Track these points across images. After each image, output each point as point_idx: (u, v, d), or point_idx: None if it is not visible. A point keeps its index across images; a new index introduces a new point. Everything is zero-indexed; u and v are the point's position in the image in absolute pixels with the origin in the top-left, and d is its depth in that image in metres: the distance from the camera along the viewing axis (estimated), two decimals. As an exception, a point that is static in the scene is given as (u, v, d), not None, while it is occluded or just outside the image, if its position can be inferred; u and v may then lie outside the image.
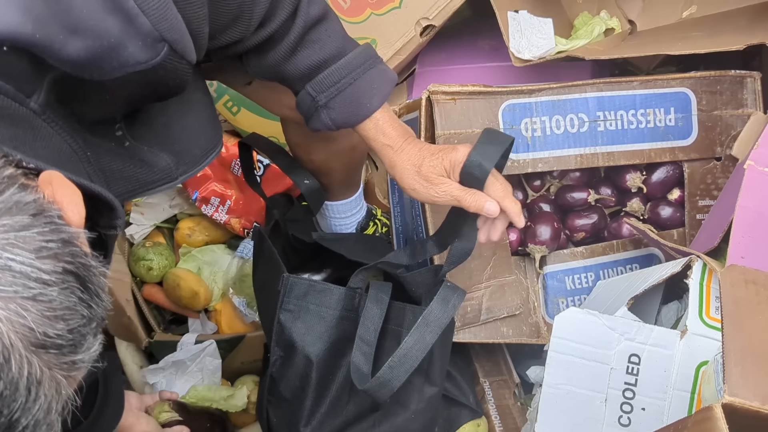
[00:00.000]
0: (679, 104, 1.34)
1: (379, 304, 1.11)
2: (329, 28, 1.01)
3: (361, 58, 1.02)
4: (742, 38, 1.25)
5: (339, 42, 1.02)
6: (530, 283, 1.35)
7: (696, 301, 1.02)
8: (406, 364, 1.03)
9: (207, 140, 0.99)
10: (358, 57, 1.02)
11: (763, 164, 1.10)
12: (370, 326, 1.10)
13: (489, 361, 1.41)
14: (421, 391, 1.17)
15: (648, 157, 1.34)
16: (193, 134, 0.97)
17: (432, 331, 1.04)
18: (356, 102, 1.03)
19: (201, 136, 0.99)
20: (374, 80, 1.03)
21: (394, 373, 1.02)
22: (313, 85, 1.01)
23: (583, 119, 1.31)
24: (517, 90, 1.28)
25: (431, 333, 1.04)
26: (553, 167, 1.32)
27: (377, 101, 1.04)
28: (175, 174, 0.94)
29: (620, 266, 1.37)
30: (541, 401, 1.05)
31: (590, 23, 1.54)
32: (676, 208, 1.38)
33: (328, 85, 1.01)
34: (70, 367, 0.58)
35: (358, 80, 1.02)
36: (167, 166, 0.93)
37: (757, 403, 0.76)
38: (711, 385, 0.92)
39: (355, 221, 1.51)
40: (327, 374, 1.16)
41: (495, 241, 1.12)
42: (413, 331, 1.03)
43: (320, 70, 1.01)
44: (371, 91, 1.03)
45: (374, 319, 1.10)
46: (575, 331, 1.03)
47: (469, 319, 1.29)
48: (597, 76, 1.52)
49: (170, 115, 0.94)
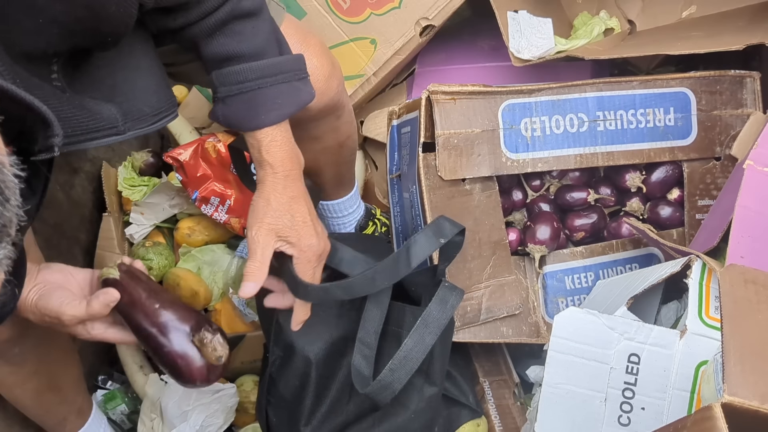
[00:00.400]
0: (678, 104, 1.34)
1: (380, 306, 1.11)
2: (257, 26, 0.97)
3: (276, 69, 0.98)
4: (742, 38, 1.26)
5: (261, 43, 0.97)
6: (530, 283, 1.35)
7: (695, 300, 1.02)
8: (407, 367, 1.03)
9: (158, 101, 0.95)
10: (274, 66, 0.98)
11: (763, 164, 1.10)
12: (370, 329, 1.10)
13: (489, 360, 1.41)
14: (421, 391, 1.17)
15: (647, 156, 1.34)
16: (140, 93, 0.93)
17: (431, 332, 1.04)
18: (253, 109, 0.98)
19: (150, 96, 0.94)
20: (281, 95, 0.99)
21: (395, 376, 1.03)
22: (218, 75, 0.97)
23: (582, 119, 1.31)
24: (517, 90, 1.29)
25: (431, 334, 1.04)
26: (552, 167, 1.32)
27: (273, 117, 0.98)
28: (122, 128, 0.90)
29: (620, 266, 1.37)
30: (541, 401, 1.05)
31: (590, 23, 1.54)
32: (675, 208, 1.38)
33: (231, 82, 0.97)
34: None
35: (264, 89, 0.97)
36: (112, 116, 0.89)
37: (756, 402, 0.76)
38: (710, 384, 0.93)
39: (353, 220, 1.51)
40: (327, 374, 1.16)
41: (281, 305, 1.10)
42: (412, 332, 1.04)
43: (230, 63, 0.97)
44: (272, 105, 0.98)
45: (374, 322, 1.10)
46: (575, 331, 1.03)
47: (469, 318, 1.29)
48: (596, 76, 1.52)
49: (115, 73, 0.90)
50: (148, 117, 0.93)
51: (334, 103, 1.20)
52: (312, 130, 1.06)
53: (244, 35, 0.96)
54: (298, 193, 1.02)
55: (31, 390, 1.24)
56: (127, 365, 1.56)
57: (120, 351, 1.58)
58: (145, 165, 1.64)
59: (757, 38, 1.24)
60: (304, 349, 1.15)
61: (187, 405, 1.41)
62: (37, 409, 1.31)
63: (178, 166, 1.52)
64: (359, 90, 1.54)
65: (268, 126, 0.99)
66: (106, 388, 1.59)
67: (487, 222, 1.31)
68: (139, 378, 1.53)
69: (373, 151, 1.65)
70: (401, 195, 1.41)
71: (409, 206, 1.36)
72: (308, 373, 1.15)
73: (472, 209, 1.30)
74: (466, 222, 1.28)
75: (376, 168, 1.64)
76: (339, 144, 1.29)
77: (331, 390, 1.16)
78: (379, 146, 1.61)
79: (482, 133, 1.28)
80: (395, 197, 1.44)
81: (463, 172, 1.27)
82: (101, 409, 1.52)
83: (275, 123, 0.99)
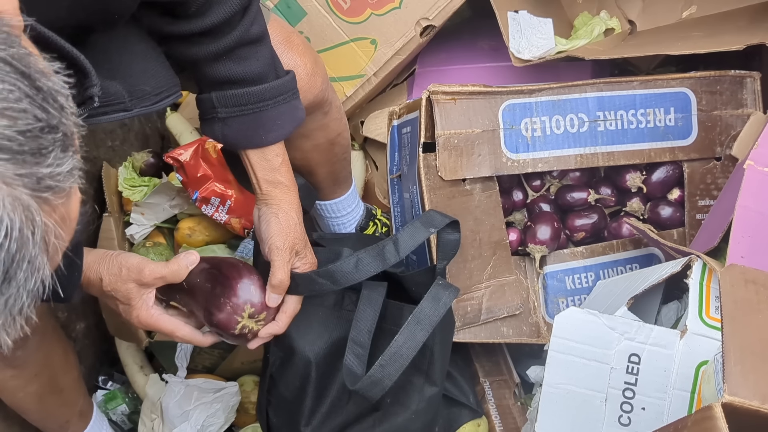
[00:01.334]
0: (679, 104, 1.34)
1: (372, 305, 1.11)
2: (260, 51, 1.00)
3: (277, 91, 1.01)
4: (742, 38, 1.26)
5: (263, 68, 1.01)
6: (530, 283, 1.35)
7: (696, 300, 1.02)
8: (397, 363, 1.04)
9: (158, 82, 0.96)
10: (275, 89, 1.01)
11: (763, 164, 1.10)
12: (363, 328, 1.11)
13: (489, 360, 1.41)
14: (421, 391, 1.17)
15: (648, 157, 1.34)
16: (138, 75, 0.94)
17: (423, 328, 1.05)
18: (253, 130, 1.02)
19: (151, 77, 0.95)
20: (281, 116, 1.03)
21: (386, 372, 1.03)
22: (220, 97, 1.00)
23: (583, 119, 1.31)
24: (517, 90, 1.29)
25: (422, 331, 1.05)
26: (553, 167, 1.32)
27: (273, 137, 1.03)
28: (129, 105, 0.91)
29: (620, 266, 1.37)
30: (542, 401, 1.05)
31: (590, 23, 1.54)
32: (676, 208, 1.38)
33: (234, 104, 1.00)
34: (36, 185, 0.49)
35: (265, 111, 1.01)
36: (119, 92, 0.90)
37: (756, 402, 0.76)
38: (711, 384, 0.92)
39: (353, 219, 1.51)
40: (327, 374, 1.16)
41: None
42: (403, 329, 1.04)
43: (233, 87, 1.00)
44: (272, 126, 1.02)
45: (367, 321, 1.11)
46: (575, 331, 1.03)
47: (470, 319, 1.29)
48: (597, 76, 1.52)
49: (111, 56, 0.91)
50: (151, 96, 0.94)
51: (319, 100, 1.21)
52: (300, 128, 1.08)
53: (248, 60, 0.99)
54: (296, 208, 1.09)
55: (34, 393, 1.24)
56: (127, 365, 1.56)
57: (120, 351, 1.58)
58: (145, 165, 1.64)
59: (757, 38, 1.24)
60: (305, 349, 1.15)
61: (188, 405, 1.41)
62: (39, 413, 1.31)
63: (179, 166, 1.52)
64: (359, 90, 1.54)
65: (268, 145, 1.03)
66: (106, 388, 1.59)
67: (487, 222, 1.31)
68: (139, 378, 1.53)
69: (374, 151, 1.65)
70: (402, 195, 1.41)
71: (410, 206, 1.36)
72: (308, 374, 1.15)
73: (473, 209, 1.30)
74: (467, 222, 1.28)
75: (376, 168, 1.64)
76: (330, 141, 1.29)
77: (331, 390, 1.16)
78: (379, 146, 1.61)
79: (482, 133, 1.28)
80: (396, 197, 1.44)
81: (463, 172, 1.27)
82: (101, 409, 1.52)
83: (276, 142, 1.04)
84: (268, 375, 1.20)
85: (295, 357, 1.15)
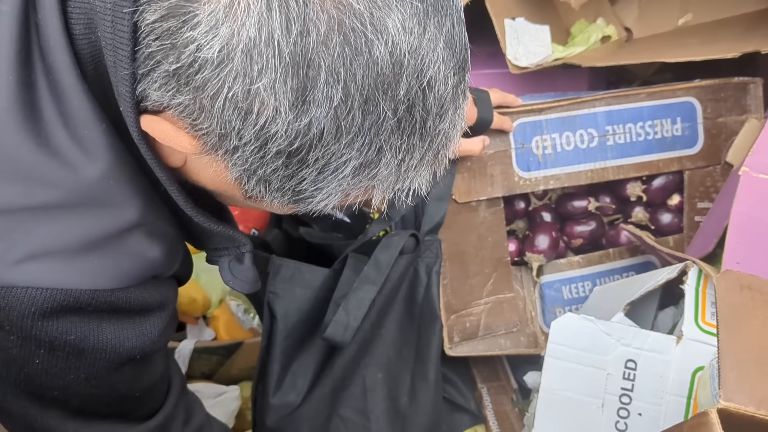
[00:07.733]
0: (685, 114, 1.34)
1: (356, 271, 1.16)
2: None
3: None
4: (738, 46, 1.26)
5: None
6: (527, 293, 1.35)
7: (692, 306, 1.03)
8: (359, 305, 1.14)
9: None
10: None
11: (758, 170, 1.10)
12: (344, 290, 1.16)
13: (487, 366, 1.41)
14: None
15: (656, 168, 1.34)
16: None
17: (381, 272, 1.15)
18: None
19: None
20: None
21: (351, 316, 1.13)
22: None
23: (592, 134, 1.31)
24: (527, 109, 1.29)
25: (380, 274, 1.15)
26: (564, 183, 1.32)
27: None
28: None
29: (617, 274, 1.37)
30: (538, 407, 1.05)
31: (587, 30, 1.54)
32: (675, 214, 1.38)
33: None
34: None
35: None
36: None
37: (752, 408, 0.76)
38: (707, 390, 0.93)
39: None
40: (299, 344, 1.20)
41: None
42: (361, 275, 1.15)
43: None
44: None
45: (350, 283, 1.16)
46: (572, 337, 1.03)
47: (468, 334, 1.30)
48: (594, 82, 1.52)
49: None
50: None
51: None
52: None
53: None
54: None
55: None
56: (125, 372, 1.56)
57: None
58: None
59: (752, 46, 1.24)
60: (287, 320, 1.20)
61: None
62: None
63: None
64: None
65: None
66: (104, 394, 1.59)
67: (490, 238, 1.31)
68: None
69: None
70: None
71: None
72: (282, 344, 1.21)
73: (477, 225, 1.30)
74: (470, 238, 1.28)
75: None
76: None
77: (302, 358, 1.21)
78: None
79: (494, 154, 1.28)
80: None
81: (477, 194, 1.28)
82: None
83: None
84: (258, 363, 1.24)
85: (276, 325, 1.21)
